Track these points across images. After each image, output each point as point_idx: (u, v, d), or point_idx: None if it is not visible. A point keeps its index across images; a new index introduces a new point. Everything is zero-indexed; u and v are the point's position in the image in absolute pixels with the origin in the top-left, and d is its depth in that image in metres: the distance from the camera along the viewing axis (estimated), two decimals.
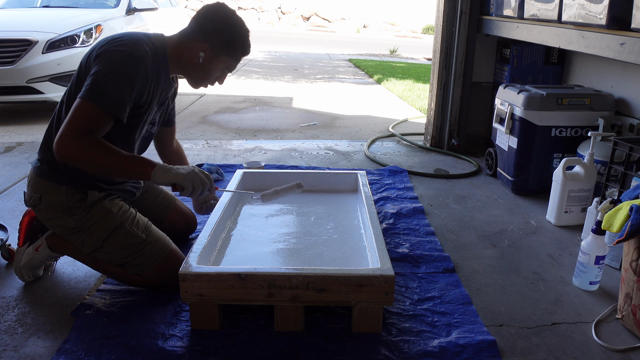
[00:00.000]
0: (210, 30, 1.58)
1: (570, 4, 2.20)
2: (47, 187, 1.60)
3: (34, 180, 1.63)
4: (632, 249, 1.52)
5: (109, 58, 1.46)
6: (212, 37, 1.58)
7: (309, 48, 11.72)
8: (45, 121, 4.10)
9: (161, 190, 2.02)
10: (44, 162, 1.62)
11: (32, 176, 1.64)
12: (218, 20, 1.59)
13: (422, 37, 17.96)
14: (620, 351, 1.47)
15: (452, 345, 1.45)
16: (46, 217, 1.63)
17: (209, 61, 1.61)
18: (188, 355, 1.39)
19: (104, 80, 1.43)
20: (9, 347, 1.42)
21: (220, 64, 1.64)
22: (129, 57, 1.47)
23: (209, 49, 1.59)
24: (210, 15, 1.59)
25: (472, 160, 3.23)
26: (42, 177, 1.61)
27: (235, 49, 1.62)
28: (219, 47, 1.60)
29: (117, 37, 1.53)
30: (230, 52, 1.62)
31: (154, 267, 1.63)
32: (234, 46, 1.61)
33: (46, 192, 1.60)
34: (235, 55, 1.64)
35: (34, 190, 1.62)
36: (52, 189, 1.60)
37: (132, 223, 1.64)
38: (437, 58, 3.42)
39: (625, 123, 2.44)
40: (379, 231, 1.71)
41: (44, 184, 1.60)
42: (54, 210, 1.61)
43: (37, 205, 1.62)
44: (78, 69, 1.56)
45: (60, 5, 4.97)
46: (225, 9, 1.62)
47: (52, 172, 1.60)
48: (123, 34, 1.55)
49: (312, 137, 3.86)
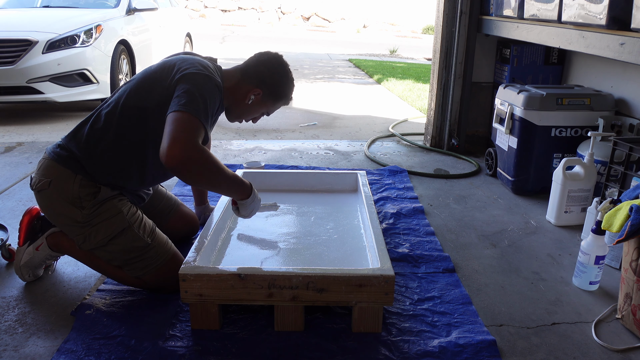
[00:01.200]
0: (268, 80, 1.71)
1: (570, 4, 2.20)
2: (61, 173, 1.59)
3: (47, 164, 1.62)
4: (632, 249, 1.53)
5: (196, 80, 1.53)
6: (267, 87, 1.72)
7: (309, 48, 11.72)
8: (45, 121, 4.11)
9: (166, 192, 2.02)
10: (65, 148, 1.62)
11: (46, 160, 1.63)
12: (276, 73, 1.74)
13: (422, 37, 17.95)
14: (620, 351, 1.47)
15: (452, 345, 1.45)
16: (51, 205, 1.61)
17: (256, 105, 1.75)
18: (188, 355, 1.39)
19: (200, 99, 1.49)
20: (9, 347, 1.42)
21: (263, 109, 1.78)
22: (212, 82, 1.57)
23: (261, 94, 1.72)
24: (270, 66, 1.73)
25: (472, 160, 3.23)
26: (58, 162, 1.60)
27: (281, 100, 1.79)
28: (269, 96, 1.74)
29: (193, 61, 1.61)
30: (276, 102, 1.78)
31: (154, 272, 1.63)
32: (281, 98, 1.78)
33: (58, 178, 1.59)
34: (279, 104, 1.80)
35: (45, 175, 1.60)
36: (65, 176, 1.58)
37: (139, 226, 1.64)
38: (437, 58, 3.42)
39: (625, 123, 2.44)
40: (379, 231, 1.72)
41: (58, 169, 1.59)
42: (62, 198, 1.58)
43: (44, 190, 1.59)
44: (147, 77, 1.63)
45: (60, 5, 4.97)
46: (283, 63, 1.77)
47: (70, 160, 1.60)
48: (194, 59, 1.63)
49: (312, 137, 3.87)
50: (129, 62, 4.92)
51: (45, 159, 1.64)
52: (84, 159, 1.59)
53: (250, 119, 1.82)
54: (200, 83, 1.52)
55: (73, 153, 1.60)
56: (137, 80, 1.63)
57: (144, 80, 1.62)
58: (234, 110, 1.76)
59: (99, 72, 4.33)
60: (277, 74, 1.73)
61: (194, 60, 1.61)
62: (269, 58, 1.74)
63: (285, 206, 2.16)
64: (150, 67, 1.65)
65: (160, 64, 1.64)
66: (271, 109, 1.81)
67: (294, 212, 2.12)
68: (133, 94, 1.60)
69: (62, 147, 1.63)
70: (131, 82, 1.64)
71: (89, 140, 1.60)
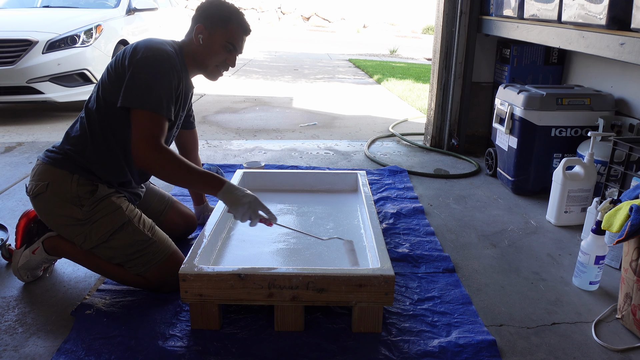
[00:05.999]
0: (202, 14, 1.70)
1: (570, 4, 2.20)
2: (57, 175, 1.61)
3: (41, 168, 1.63)
4: (632, 249, 1.53)
5: (146, 67, 1.55)
6: (203, 18, 1.70)
7: (309, 48, 11.72)
8: (45, 121, 4.11)
9: (158, 190, 2.03)
10: (60, 151, 1.64)
11: (40, 165, 1.64)
12: (208, 5, 1.72)
13: (422, 37, 17.95)
14: (620, 351, 1.47)
15: (452, 345, 1.45)
16: (49, 207, 1.61)
17: (208, 39, 1.69)
18: (188, 355, 1.39)
19: (154, 87, 1.53)
20: (9, 347, 1.42)
21: (219, 39, 1.69)
22: (165, 62, 1.57)
23: (204, 28, 1.69)
24: (200, 5, 1.74)
25: (472, 160, 3.23)
26: (53, 165, 1.62)
27: (228, 23, 1.70)
28: (212, 23, 1.68)
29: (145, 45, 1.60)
30: (225, 27, 1.69)
31: (156, 268, 1.64)
32: (226, 21, 1.70)
33: (55, 180, 1.60)
34: (231, 27, 1.70)
35: (41, 179, 1.62)
36: (63, 177, 1.60)
37: (138, 221, 1.65)
38: (437, 58, 3.42)
39: (625, 123, 2.44)
40: (379, 231, 1.71)
41: (54, 172, 1.61)
42: (60, 199, 1.59)
43: (41, 193, 1.60)
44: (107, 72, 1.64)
45: (61, 5, 4.97)
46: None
47: (66, 161, 1.62)
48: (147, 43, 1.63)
49: (312, 137, 3.87)
50: None
51: (39, 165, 1.65)
52: (78, 158, 1.62)
53: (226, 64, 1.74)
54: (149, 67, 1.54)
55: (66, 154, 1.62)
56: (103, 74, 1.67)
57: (107, 73, 1.65)
58: (199, 62, 1.73)
59: (99, 72, 4.32)
60: (209, 4, 1.72)
61: (146, 43, 1.61)
62: (200, 3, 1.76)
63: (285, 206, 2.16)
64: (113, 59, 1.67)
65: (117, 54, 1.66)
66: (228, 37, 1.70)
67: (294, 212, 2.12)
68: (102, 88, 1.64)
69: (55, 151, 1.65)
70: (102, 76, 1.68)
71: (80, 138, 1.64)
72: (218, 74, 1.77)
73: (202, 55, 1.71)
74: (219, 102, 5.16)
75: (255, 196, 1.60)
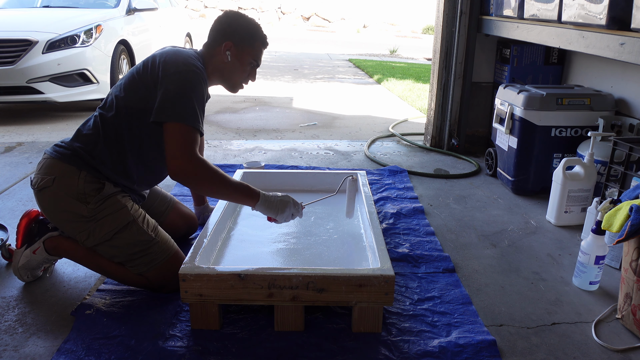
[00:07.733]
0: (228, 30, 1.71)
1: (570, 4, 2.20)
2: (65, 170, 1.60)
3: (49, 163, 1.63)
4: (632, 249, 1.53)
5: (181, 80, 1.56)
6: (232, 35, 1.71)
7: (309, 48, 11.71)
8: (45, 121, 4.11)
9: (160, 191, 2.03)
10: (69, 147, 1.64)
11: (47, 159, 1.64)
12: (233, 19, 1.73)
13: (422, 37, 17.95)
14: (620, 351, 1.47)
15: (452, 345, 1.45)
16: (54, 202, 1.61)
17: (237, 57, 1.72)
18: (188, 355, 1.39)
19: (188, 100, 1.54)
20: (9, 347, 1.42)
21: (247, 57, 1.74)
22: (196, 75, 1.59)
23: (233, 45, 1.70)
24: (224, 20, 1.74)
25: (472, 160, 3.23)
26: (61, 160, 1.61)
27: (255, 39, 1.74)
28: (241, 41, 1.71)
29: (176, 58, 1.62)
30: (252, 43, 1.73)
31: (158, 268, 1.64)
32: (253, 37, 1.73)
33: (62, 175, 1.60)
34: (257, 46, 1.75)
35: (48, 172, 1.61)
36: (70, 173, 1.60)
37: (143, 221, 1.66)
38: (437, 58, 3.42)
39: (625, 123, 2.44)
40: (379, 231, 1.71)
41: (62, 166, 1.61)
42: (66, 194, 1.59)
43: (47, 187, 1.60)
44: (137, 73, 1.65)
45: (60, 5, 4.97)
46: (234, 11, 1.77)
47: (74, 157, 1.62)
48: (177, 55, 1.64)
49: (312, 137, 3.87)
50: (129, 62, 4.92)
51: (47, 159, 1.65)
52: (87, 156, 1.62)
53: (248, 78, 1.79)
54: (184, 81, 1.56)
55: (76, 151, 1.62)
56: (125, 79, 1.67)
57: (131, 79, 1.65)
58: (224, 77, 1.75)
59: (99, 72, 4.33)
60: (234, 20, 1.73)
61: (177, 56, 1.62)
62: (220, 16, 1.76)
63: None
64: (137, 66, 1.68)
65: (144, 62, 1.66)
66: (254, 54, 1.75)
67: None
68: (124, 93, 1.64)
69: (64, 147, 1.65)
70: (121, 80, 1.69)
71: (91, 137, 1.64)
72: (240, 88, 1.81)
73: (230, 72, 1.74)
74: (219, 102, 5.16)
75: (286, 194, 1.70)
